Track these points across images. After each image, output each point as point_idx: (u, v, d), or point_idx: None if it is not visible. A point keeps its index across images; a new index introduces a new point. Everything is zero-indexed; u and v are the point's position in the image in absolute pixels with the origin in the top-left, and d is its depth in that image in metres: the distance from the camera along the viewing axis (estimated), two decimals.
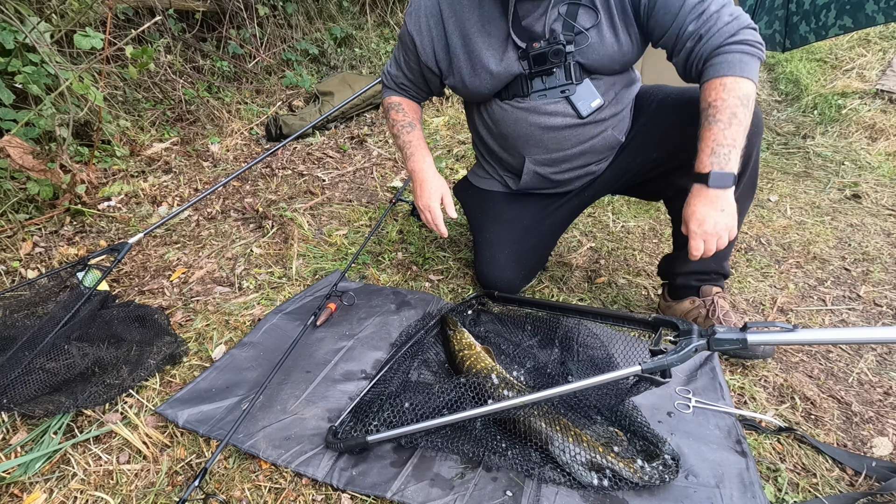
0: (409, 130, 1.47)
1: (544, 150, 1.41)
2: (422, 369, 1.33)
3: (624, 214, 2.27)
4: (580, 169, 1.47)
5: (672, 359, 0.91)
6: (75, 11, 2.24)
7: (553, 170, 1.45)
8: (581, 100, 1.31)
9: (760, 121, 1.28)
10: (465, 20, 1.29)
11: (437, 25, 1.33)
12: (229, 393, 1.25)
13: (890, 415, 1.25)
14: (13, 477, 1.06)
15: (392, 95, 1.54)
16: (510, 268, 1.53)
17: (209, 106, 3.13)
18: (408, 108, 1.51)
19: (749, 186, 1.34)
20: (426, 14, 1.33)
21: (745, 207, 1.36)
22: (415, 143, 1.46)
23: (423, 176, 1.43)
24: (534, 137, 1.38)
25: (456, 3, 1.29)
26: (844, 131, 3.25)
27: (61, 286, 1.54)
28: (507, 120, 1.39)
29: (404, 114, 1.50)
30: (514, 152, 1.46)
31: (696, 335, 0.94)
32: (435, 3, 1.31)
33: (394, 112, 1.51)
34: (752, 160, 1.29)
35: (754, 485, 1.02)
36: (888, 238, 2.10)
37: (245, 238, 2.03)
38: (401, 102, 1.52)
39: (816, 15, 3.17)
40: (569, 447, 1.02)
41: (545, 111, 1.34)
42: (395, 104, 1.52)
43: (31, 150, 1.92)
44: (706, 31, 1.14)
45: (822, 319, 1.60)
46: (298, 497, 1.03)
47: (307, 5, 4.00)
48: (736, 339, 0.90)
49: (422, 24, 1.34)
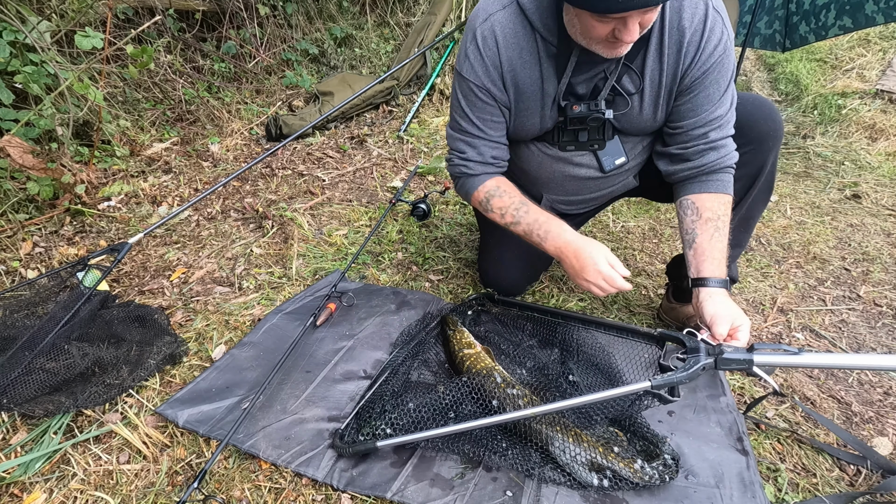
0: (525, 210, 1.28)
1: (563, 192, 1.42)
2: (422, 369, 1.33)
3: (624, 214, 2.27)
4: (593, 206, 1.51)
5: (681, 376, 0.93)
6: (75, 11, 2.24)
7: (568, 207, 1.48)
8: (607, 156, 1.31)
9: (781, 127, 1.28)
10: (525, 75, 1.20)
11: (498, 77, 1.21)
12: (229, 393, 1.25)
13: (890, 415, 1.25)
14: (13, 477, 1.06)
15: (484, 182, 1.33)
16: (517, 267, 1.53)
17: (209, 106, 3.13)
18: (509, 188, 1.32)
19: (765, 192, 1.34)
20: (491, 63, 1.19)
21: (759, 213, 1.38)
22: (542, 220, 1.27)
23: (576, 246, 1.21)
24: (555, 181, 1.39)
25: (517, 57, 1.18)
26: (844, 131, 3.25)
27: (61, 286, 1.54)
28: (532, 160, 1.37)
29: (510, 196, 1.31)
30: (532, 188, 1.44)
31: (704, 353, 0.96)
32: (495, 51, 1.17)
33: (496, 199, 1.31)
34: (769, 166, 1.29)
35: (754, 484, 1.02)
36: (888, 238, 2.10)
37: (245, 238, 2.03)
38: (498, 185, 1.32)
39: (816, 15, 3.17)
40: (569, 447, 1.02)
41: (571, 161, 1.33)
42: (492, 190, 1.31)
43: (31, 150, 1.92)
44: (723, 146, 1.22)
45: (821, 319, 1.60)
46: (298, 497, 1.03)
47: (307, 5, 3.99)
48: (743, 360, 0.94)
49: (490, 72, 1.20)
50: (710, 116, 1.19)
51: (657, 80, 1.18)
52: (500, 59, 1.18)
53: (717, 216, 1.22)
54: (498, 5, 1.16)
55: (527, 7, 1.13)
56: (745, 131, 1.26)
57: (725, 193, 1.24)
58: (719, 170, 1.24)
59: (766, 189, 1.34)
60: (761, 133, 1.26)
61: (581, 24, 1.05)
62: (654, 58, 1.15)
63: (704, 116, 1.19)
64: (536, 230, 1.27)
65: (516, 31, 1.16)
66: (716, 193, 1.24)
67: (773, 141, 1.26)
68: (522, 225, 1.29)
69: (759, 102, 1.28)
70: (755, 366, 0.93)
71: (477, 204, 1.37)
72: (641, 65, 1.17)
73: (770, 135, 1.26)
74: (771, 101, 1.32)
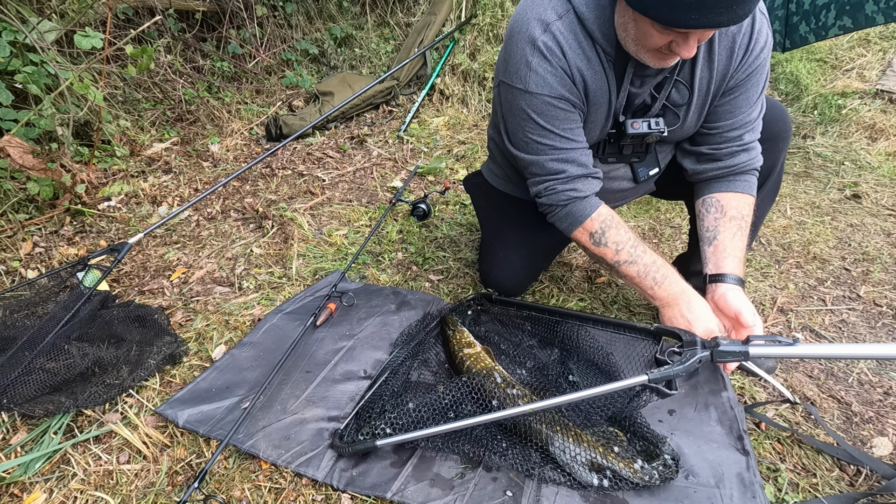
0: (642, 250, 1.21)
1: None
2: (422, 369, 1.33)
3: (624, 214, 2.27)
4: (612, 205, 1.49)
5: (678, 369, 0.92)
6: (75, 11, 2.24)
7: None
8: (642, 167, 1.32)
9: (790, 127, 1.30)
10: (595, 86, 1.14)
11: (572, 85, 1.12)
12: (229, 393, 1.25)
13: (890, 415, 1.25)
14: (13, 477, 1.06)
15: (597, 209, 1.21)
16: (521, 269, 1.52)
17: (209, 106, 3.13)
18: (619, 220, 1.24)
19: (772, 192, 1.36)
20: (564, 73, 1.11)
21: (765, 213, 1.40)
22: (659, 264, 1.20)
23: (689, 296, 1.16)
24: None
25: (586, 67, 1.11)
26: (844, 131, 3.25)
27: (61, 286, 1.54)
28: None
29: (624, 230, 1.22)
30: None
31: (700, 346, 0.96)
32: (564, 63, 1.09)
33: (613, 232, 1.20)
34: (779, 166, 1.31)
35: (754, 484, 1.02)
36: (888, 238, 2.10)
37: (245, 238, 2.03)
38: (611, 215, 1.22)
39: (816, 15, 3.17)
40: (569, 447, 1.02)
41: (607, 175, 1.31)
42: (607, 220, 1.21)
43: (31, 150, 1.92)
44: (753, 147, 1.23)
45: (821, 320, 1.60)
46: (298, 497, 1.03)
47: (307, 5, 3.99)
48: (739, 352, 0.93)
49: (565, 82, 1.11)
50: (747, 118, 1.19)
51: (705, 87, 1.16)
52: (571, 69, 1.10)
53: (741, 215, 1.23)
54: (553, 14, 1.07)
55: (585, 16, 1.06)
56: None
57: (750, 195, 1.25)
58: (747, 171, 1.24)
59: (774, 189, 1.36)
60: (773, 133, 1.27)
61: (637, 31, 1.00)
62: (704, 65, 1.13)
63: (742, 118, 1.19)
64: (654, 273, 1.20)
65: (578, 40, 1.08)
66: (741, 193, 1.24)
67: (783, 142, 1.28)
68: (638, 265, 1.20)
69: (771, 103, 1.29)
70: (751, 357, 0.93)
71: (587, 235, 1.22)
72: (690, 75, 1.14)
73: (781, 135, 1.27)
74: (781, 105, 1.33)
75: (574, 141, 1.17)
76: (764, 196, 1.33)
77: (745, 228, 1.23)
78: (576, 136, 1.17)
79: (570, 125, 1.16)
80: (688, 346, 0.98)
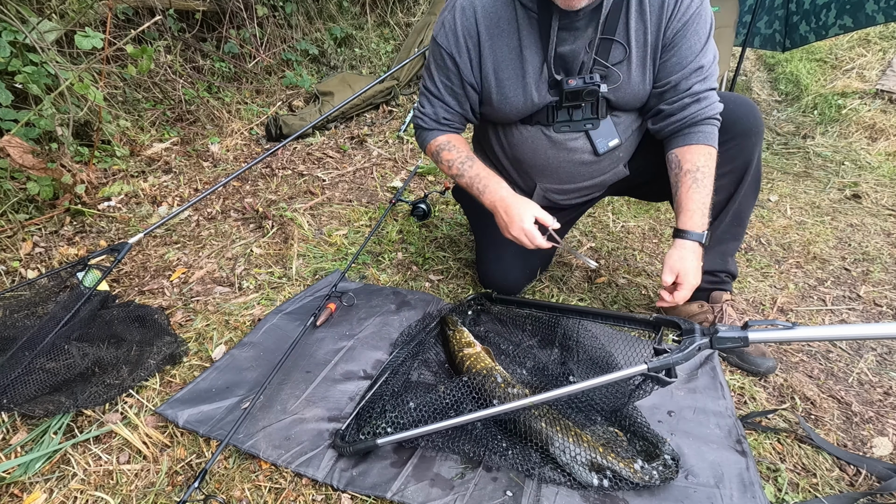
0: (470, 165, 1.36)
1: (557, 180, 1.43)
2: (422, 369, 1.33)
3: (624, 214, 2.27)
4: (586, 195, 1.50)
5: (677, 357, 0.92)
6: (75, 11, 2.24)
7: (562, 196, 1.48)
8: (600, 137, 1.33)
9: (761, 123, 1.32)
10: (503, 43, 1.24)
11: (474, 46, 1.26)
12: (229, 393, 1.25)
13: (890, 415, 1.25)
14: (13, 477, 1.06)
15: (436, 136, 1.42)
16: (515, 266, 1.54)
17: (209, 106, 3.13)
18: (458, 143, 1.40)
19: (753, 186, 1.36)
20: (464, 34, 1.25)
21: (750, 207, 1.40)
22: (483, 175, 1.34)
23: (507, 202, 1.28)
24: (549, 168, 1.40)
25: (494, 26, 1.23)
26: (844, 131, 3.25)
27: (61, 286, 1.54)
28: (526, 147, 1.38)
29: (458, 150, 1.38)
30: (526, 177, 1.46)
31: (699, 334, 0.95)
32: (472, 21, 1.24)
33: (445, 153, 1.39)
34: (754, 162, 1.32)
35: (754, 485, 1.02)
36: (888, 238, 2.10)
37: (245, 238, 2.03)
38: (448, 140, 1.41)
39: (816, 15, 3.17)
40: (569, 447, 1.02)
41: (565, 146, 1.34)
42: (443, 144, 1.40)
43: (31, 150, 1.92)
44: (705, 98, 1.25)
45: (822, 319, 1.60)
46: (298, 497, 1.03)
47: (307, 5, 3.99)
48: (738, 338, 0.92)
49: (460, 42, 1.26)
50: (695, 66, 1.22)
51: (642, 40, 1.21)
52: (478, 30, 1.24)
53: (696, 167, 1.25)
54: None
55: None
56: (729, 127, 1.29)
57: (707, 144, 1.26)
58: (701, 121, 1.26)
59: (754, 183, 1.36)
60: (744, 129, 1.29)
61: None
62: (637, 19, 1.18)
63: (688, 70, 1.22)
64: (477, 184, 1.34)
65: (495, 2, 1.22)
66: (697, 145, 1.26)
67: (755, 136, 1.30)
68: (466, 178, 1.36)
69: (740, 101, 1.32)
70: (750, 342, 0.91)
71: (430, 154, 1.46)
72: (625, 31, 1.20)
73: (752, 130, 1.29)
74: (749, 99, 1.35)
75: (441, 95, 1.36)
76: (746, 191, 1.35)
77: (703, 179, 1.25)
78: (447, 92, 1.35)
79: (447, 82, 1.34)
80: (687, 334, 0.97)
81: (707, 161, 1.25)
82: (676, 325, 1.03)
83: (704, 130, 1.26)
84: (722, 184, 1.32)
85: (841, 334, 0.91)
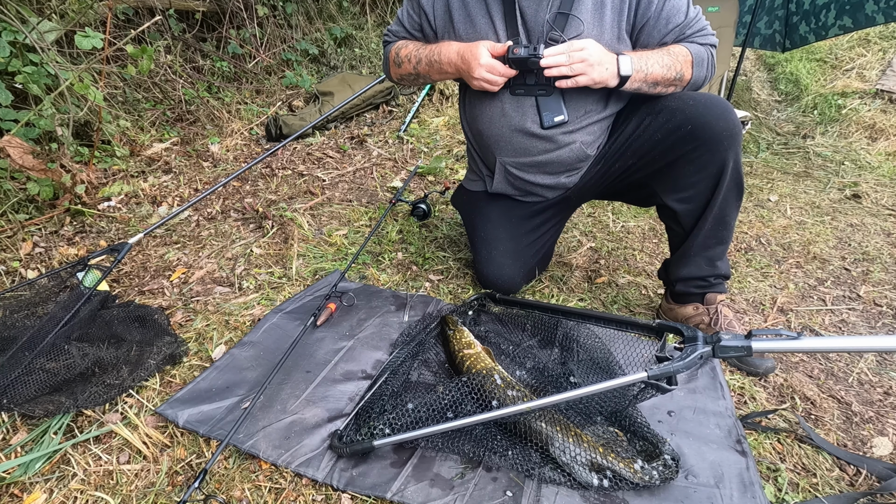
0: (423, 46, 1.46)
1: (513, 152, 1.45)
2: (422, 369, 1.33)
3: (624, 214, 2.27)
4: (550, 177, 1.48)
5: (678, 365, 0.91)
6: (75, 11, 2.24)
7: (522, 173, 1.49)
8: (547, 110, 1.35)
9: (736, 125, 1.26)
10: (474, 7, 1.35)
11: (431, 9, 1.40)
12: (229, 393, 1.25)
13: (890, 415, 1.25)
14: (13, 477, 1.06)
15: (395, 44, 1.54)
16: (508, 264, 1.54)
17: (209, 106, 3.13)
18: (409, 44, 1.51)
19: (734, 191, 1.31)
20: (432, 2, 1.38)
21: (733, 211, 1.35)
22: (434, 47, 1.42)
23: (461, 51, 1.33)
24: (504, 138, 1.43)
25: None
26: (844, 131, 3.25)
27: (61, 286, 1.53)
28: (483, 118, 1.45)
29: (414, 45, 1.49)
30: (487, 151, 1.51)
31: (702, 342, 0.95)
32: None
33: (403, 49, 1.49)
34: (730, 165, 1.26)
35: (754, 485, 1.02)
36: (888, 238, 2.10)
37: (245, 238, 2.03)
38: (405, 42, 1.52)
39: (816, 15, 3.17)
40: (569, 447, 1.02)
41: (516, 111, 1.38)
42: (399, 45, 1.52)
43: (31, 150, 1.91)
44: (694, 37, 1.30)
45: (822, 319, 1.60)
46: (298, 497, 1.03)
47: (307, 5, 4.00)
48: (741, 347, 0.92)
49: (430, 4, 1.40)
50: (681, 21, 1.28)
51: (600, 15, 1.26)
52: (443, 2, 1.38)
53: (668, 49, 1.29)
54: None
55: None
56: (698, 133, 1.24)
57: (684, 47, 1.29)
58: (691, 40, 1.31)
59: (735, 188, 1.30)
60: (715, 133, 1.23)
61: None
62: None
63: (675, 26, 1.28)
64: (433, 57, 1.40)
65: None
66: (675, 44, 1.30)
67: (728, 140, 1.24)
68: (424, 60, 1.43)
69: (712, 102, 1.26)
70: (754, 352, 0.90)
71: (392, 61, 1.53)
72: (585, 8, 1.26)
73: (724, 134, 1.23)
74: (724, 100, 1.29)
75: (405, 28, 1.51)
76: (725, 195, 1.29)
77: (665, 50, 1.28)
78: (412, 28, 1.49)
79: (413, 20, 1.48)
80: (689, 341, 0.96)
81: (681, 48, 1.28)
82: (679, 331, 1.02)
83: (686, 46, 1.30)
84: (698, 190, 1.30)
85: (846, 346, 0.89)
